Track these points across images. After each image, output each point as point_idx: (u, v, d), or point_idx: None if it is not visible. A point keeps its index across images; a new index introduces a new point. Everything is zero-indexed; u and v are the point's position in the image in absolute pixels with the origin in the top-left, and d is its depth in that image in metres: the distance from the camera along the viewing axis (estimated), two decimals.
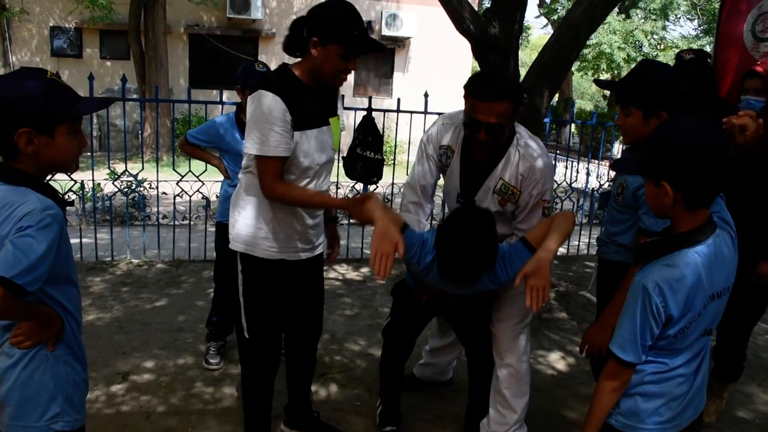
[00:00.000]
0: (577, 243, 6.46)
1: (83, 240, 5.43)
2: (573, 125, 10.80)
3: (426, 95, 5.48)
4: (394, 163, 6.80)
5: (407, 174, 6.00)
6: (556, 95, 18.48)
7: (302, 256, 2.54)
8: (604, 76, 24.08)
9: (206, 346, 3.65)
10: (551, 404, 3.35)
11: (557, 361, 3.90)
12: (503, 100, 2.31)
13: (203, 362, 3.58)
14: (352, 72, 2.46)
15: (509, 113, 2.36)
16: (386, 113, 5.68)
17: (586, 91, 34.41)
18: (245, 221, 2.47)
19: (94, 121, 12.60)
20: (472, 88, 2.37)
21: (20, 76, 1.59)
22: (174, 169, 5.51)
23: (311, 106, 2.37)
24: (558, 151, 9.91)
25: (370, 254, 2.12)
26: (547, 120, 5.61)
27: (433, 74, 15.49)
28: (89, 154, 5.49)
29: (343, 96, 5.76)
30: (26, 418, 1.64)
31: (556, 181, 6.64)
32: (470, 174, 2.60)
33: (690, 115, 1.68)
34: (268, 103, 2.25)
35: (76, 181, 5.32)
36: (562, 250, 6.39)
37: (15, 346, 1.62)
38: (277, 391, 2.79)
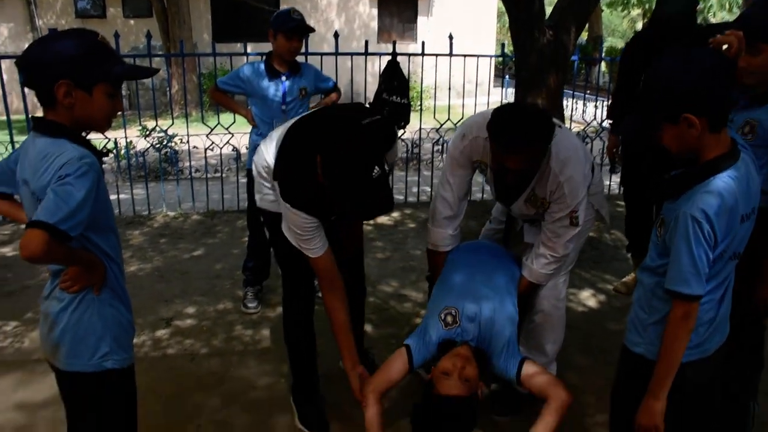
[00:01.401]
0: (608, 183, 6.40)
1: (120, 196, 5.58)
2: (603, 63, 10.55)
3: (450, 37, 5.41)
4: (421, 108, 6.76)
5: (434, 118, 6.04)
6: (585, 33, 17.92)
7: None
8: (635, 11, 23.34)
9: (244, 291, 3.78)
10: (583, 340, 3.40)
11: (588, 298, 3.94)
12: (529, 149, 2.20)
13: (242, 307, 3.72)
14: (376, 18, 2.38)
15: (536, 156, 2.27)
16: (411, 58, 5.63)
17: (616, 28, 33.30)
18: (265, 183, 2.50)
19: None
20: (495, 136, 2.22)
21: (71, 33, 1.65)
22: (203, 123, 5.58)
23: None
24: (588, 91, 9.71)
25: None
26: (575, 58, 5.52)
27: (458, 17, 15.19)
28: (120, 113, 5.59)
29: (366, 42, 5.72)
30: (79, 357, 1.74)
31: (586, 121, 6.57)
32: (505, 185, 2.54)
33: (667, 51, 1.67)
34: (297, 222, 2.25)
35: (109, 139, 5.43)
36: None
37: (64, 290, 1.71)
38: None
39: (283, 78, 3.47)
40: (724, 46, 1.98)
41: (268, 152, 2.38)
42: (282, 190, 2.26)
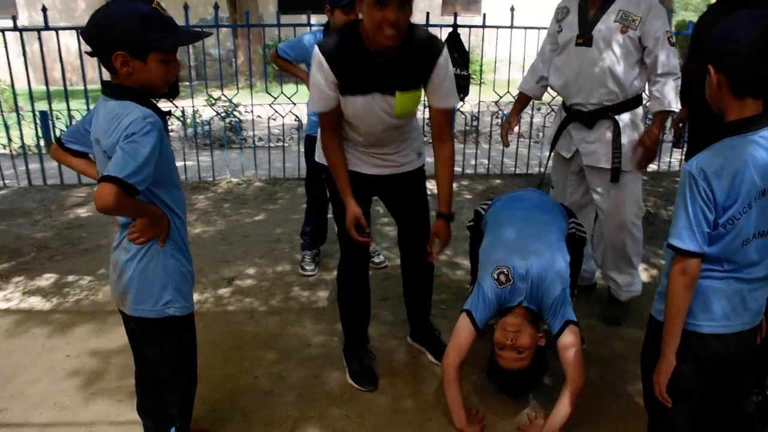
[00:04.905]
0: (668, 160, 6.28)
1: (187, 162, 5.82)
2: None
3: (512, 9, 5.37)
4: (481, 81, 6.74)
5: (494, 91, 6.01)
6: None
7: (376, 172, 2.63)
8: None
9: (301, 255, 3.93)
10: (634, 312, 3.39)
11: (641, 272, 3.91)
12: None
13: (299, 269, 3.87)
14: None
15: None
16: (473, 31, 5.61)
17: (690, 1, 31.73)
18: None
19: (191, 51, 13.04)
20: None
21: (123, 5, 1.71)
22: (267, 92, 5.74)
23: (364, 73, 2.34)
24: None
25: None
26: None
27: None
28: (188, 83, 5.80)
29: (428, 13, 5.70)
30: (144, 303, 1.89)
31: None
32: (588, 14, 2.90)
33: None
34: (316, 62, 2.34)
35: (177, 107, 5.65)
36: (652, 167, 6.22)
37: (132, 241, 1.86)
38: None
39: None
40: None
41: None
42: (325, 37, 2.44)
